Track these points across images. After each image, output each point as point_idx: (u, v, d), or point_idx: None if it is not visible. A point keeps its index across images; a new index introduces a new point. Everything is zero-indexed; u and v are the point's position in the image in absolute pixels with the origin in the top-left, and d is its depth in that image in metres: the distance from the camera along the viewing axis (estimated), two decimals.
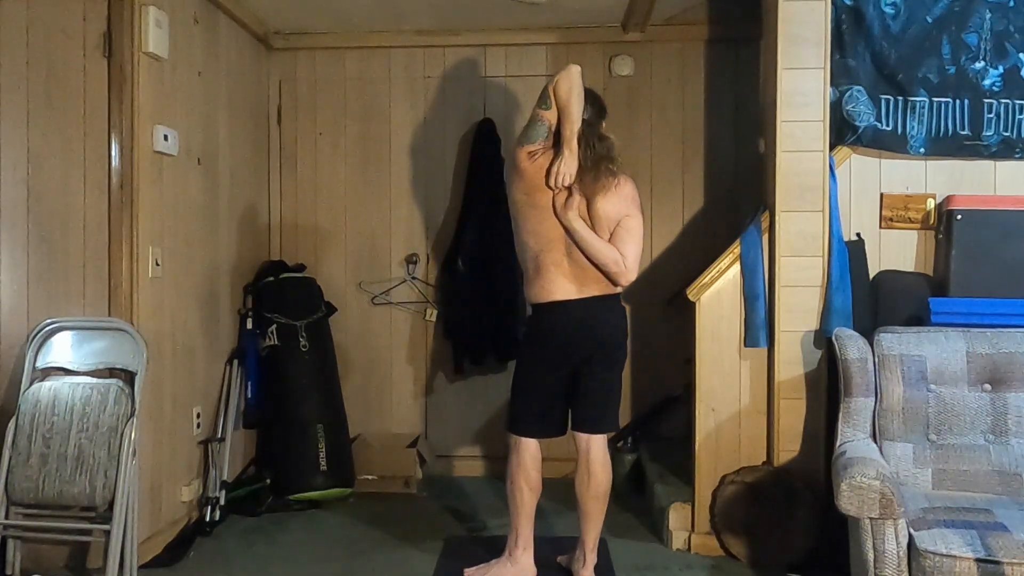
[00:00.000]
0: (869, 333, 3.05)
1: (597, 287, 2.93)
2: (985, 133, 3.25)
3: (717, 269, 3.34)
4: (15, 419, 3.01)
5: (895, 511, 2.40)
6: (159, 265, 3.33)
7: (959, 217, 3.17)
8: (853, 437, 2.91)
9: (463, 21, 4.34)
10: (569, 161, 2.85)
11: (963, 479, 2.82)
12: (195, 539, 3.51)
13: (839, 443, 2.89)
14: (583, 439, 3.00)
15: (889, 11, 3.25)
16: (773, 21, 3.28)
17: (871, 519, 2.43)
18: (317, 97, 4.58)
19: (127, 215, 3.16)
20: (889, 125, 3.27)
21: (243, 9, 4.08)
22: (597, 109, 3.00)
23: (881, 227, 3.34)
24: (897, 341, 2.96)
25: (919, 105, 3.26)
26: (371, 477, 4.21)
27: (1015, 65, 3.23)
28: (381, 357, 4.59)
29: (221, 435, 3.85)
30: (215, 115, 3.87)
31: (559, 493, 3.58)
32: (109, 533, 2.91)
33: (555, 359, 2.96)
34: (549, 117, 2.90)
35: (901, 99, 3.27)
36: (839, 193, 3.29)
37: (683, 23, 4.34)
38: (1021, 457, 2.82)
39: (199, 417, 3.73)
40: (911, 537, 2.41)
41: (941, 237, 3.27)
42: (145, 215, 3.23)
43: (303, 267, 4.44)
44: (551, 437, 3.05)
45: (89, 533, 3.01)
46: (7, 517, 2.99)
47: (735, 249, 3.33)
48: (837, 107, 3.26)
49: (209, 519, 3.68)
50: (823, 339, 3.24)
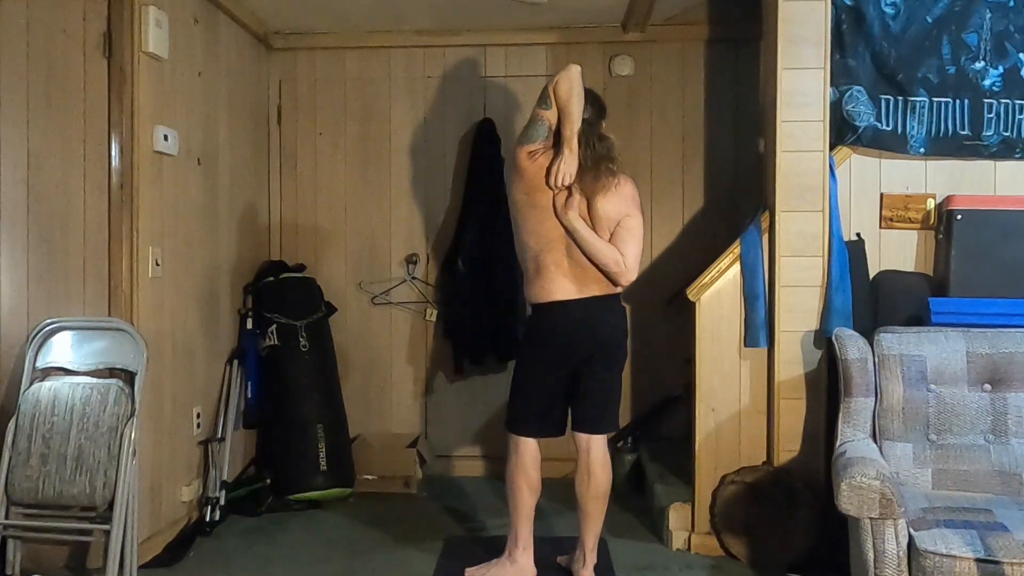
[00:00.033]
0: (869, 333, 3.05)
1: (597, 287, 2.93)
2: (985, 133, 3.25)
3: (717, 269, 3.34)
4: (15, 419, 3.01)
5: (895, 511, 2.40)
6: (159, 265, 3.33)
7: (959, 217, 3.17)
8: (853, 437, 2.91)
9: (463, 21, 4.34)
10: (569, 161, 2.85)
11: (963, 479, 2.82)
12: (195, 539, 3.51)
13: (839, 443, 2.89)
14: (583, 439, 3.00)
15: (889, 11, 3.25)
16: (773, 21, 3.28)
17: (871, 519, 2.43)
18: (317, 97, 4.58)
19: (127, 215, 3.17)
20: (889, 125, 3.27)
21: (243, 9, 4.08)
22: (597, 109, 3.01)
23: (881, 227, 3.34)
24: (897, 341, 2.96)
25: (919, 105, 3.26)
26: (371, 477, 4.21)
27: (1015, 65, 3.24)
28: (381, 357, 4.59)
29: (221, 435, 3.85)
30: (215, 115, 3.87)
31: (559, 493, 3.58)
32: (109, 533, 2.91)
33: (555, 359, 2.96)
34: (549, 117, 2.90)
35: (901, 99, 3.27)
36: (839, 193, 3.29)
37: (683, 23, 4.33)
38: (1021, 457, 2.82)
39: (199, 417, 3.73)
40: (911, 537, 2.41)
41: (941, 237, 3.27)
42: (145, 215, 3.23)
43: (303, 267, 4.44)
44: (550, 437, 3.05)
45: (89, 533, 3.01)
46: (7, 517, 2.99)
47: (735, 249, 3.33)
48: (837, 107, 3.26)
49: (209, 519, 3.68)
50: (823, 339, 3.24)
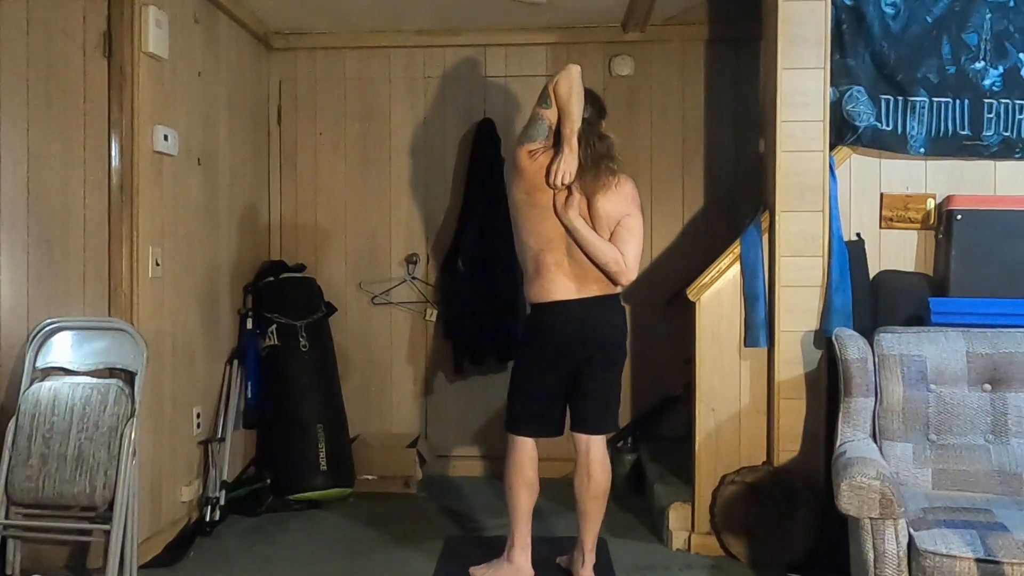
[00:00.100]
0: (869, 333, 3.05)
1: (597, 287, 2.93)
2: (985, 133, 3.25)
3: (717, 269, 3.34)
4: (15, 419, 3.01)
5: (895, 511, 2.40)
6: (159, 265, 3.33)
7: (959, 217, 3.17)
8: (853, 437, 2.91)
9: (463, 21, 4.34)
10: (569, 159, 2.85)
11: (963, 479, 2.82)
12: (195, 539, 3.51)
13: (839, 443, 2.89)
14: (583, 440, 2.99)
15: (889, 11, 3.25)
16: (773, 21, 3.28)
17: (871, 519, 2.43)
18: (317, 97, 4.58)
19: (127, 215, 3.16)
20: (889, 125, 3.27)
21: (243, 9, 4.08)
22: (597, 109, 3.00)
23: (881, 227, 3.34)
24: (897, 341, 2.96)
25: (919, 105, 3.26)
26: (371, 477, 4.21)
27: (1015, 65, 3.23)
28: (381, 357, 4.59)
29: (221, 435, 3.85)
30: (215, 115, 3.87)
31: (559, 493, 3.58)
32: (109, 533, 2.91)
33: (555, 359, 2.96)
34: (549, 116, 2.90)
35: (901, 99, 3.27)
36: (839, 193, 3.29)
37: (683, 23, 4.33)
38: (1021, 457, 2.82)
39: (199, 417, 3.73)
40: (911, 537, 2.41)
41: (941, 237, 3.27)
42: (145, 215, 3.23)
43: (303, 267, 4.44)
44: (549, 437, 3.05)
45: (89, 533, 3.01)
46: (7, 517, 2.99)
47: (735, 249, 3.33)
48: (837, 107, 3.26)
49: (209, 519, 3.68)
50: (823, 339, 3.24)
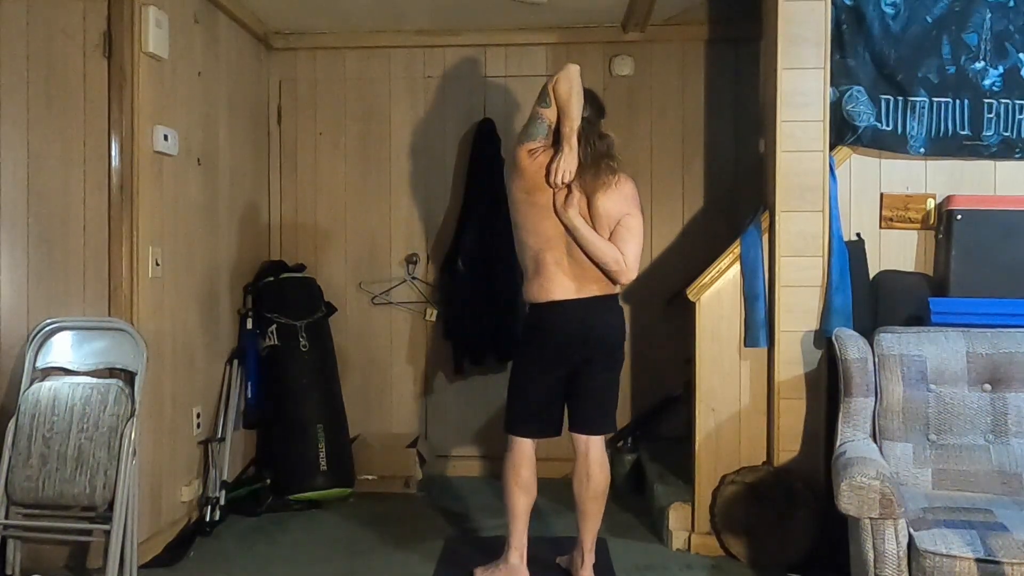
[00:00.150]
0: (869, 333, 3.05)
1: (597, 287, 2.93)
2: (985, 133, 3.25)
3: (717, 269, 3.34)
4: (15, 419, 3.01)
5: (895, 511, 2.40)
6: (159, 265, 3.33)
7: (959, 217, 3.17)
8: (853, 437, 2.91)
9: (463, 21, 4.34)
10: (569, 158, 2.85)
11: (963, 479, 2.82)
12: (195, 539, 3.51)
13: (839, 443, 2.89)
14: (582, 440, 2.99)
15: (889, 11, 3.25)
16: (773, 21, 3.28)
17: (871, 519, 2.43)
18: (317, 97, 4.58)
19: (127, 215, 3.16)
20: (889, 125, 3.27)
21: (243, 9, 4.08)
22: (596, 108, 3.00)
23: (881, 227, 3.34)
24: (897, 341, 2.96)
25: (919, 105, 3.26)
26: (371, 477, 4.21)
27: (1015, 65, 3.23)
28: (381, 357, 4.59)
29: (221, 435, 3.85)
30: (215, 115, 3.87)
31: (558, 493, 3.58)
32: (109, 533, 2.91)
33: (554, 359, 2.96)
34: (549, 115, 2.90)
35: (901, 99, 3.27)
36: (839, 193, 3.29)
37: (683, 23, 4.33)
38: (1021, 457, 2.82)
39: (199, 417, 3.73)
40: (911, 537, 2.41)
41: (941, 237, 3.27)
42: (145, 215, 3.23)
43: (303, 267, 4.44)
44: (548, 437, 3.05)
45: (89, 533, 3.01)
46: (7, 517, 2.99)
47: (735, 249, 3.33)
48: (837, 107, 3.26)
49: (209, 519, 3.68)
50: (823, 339, 3.24)
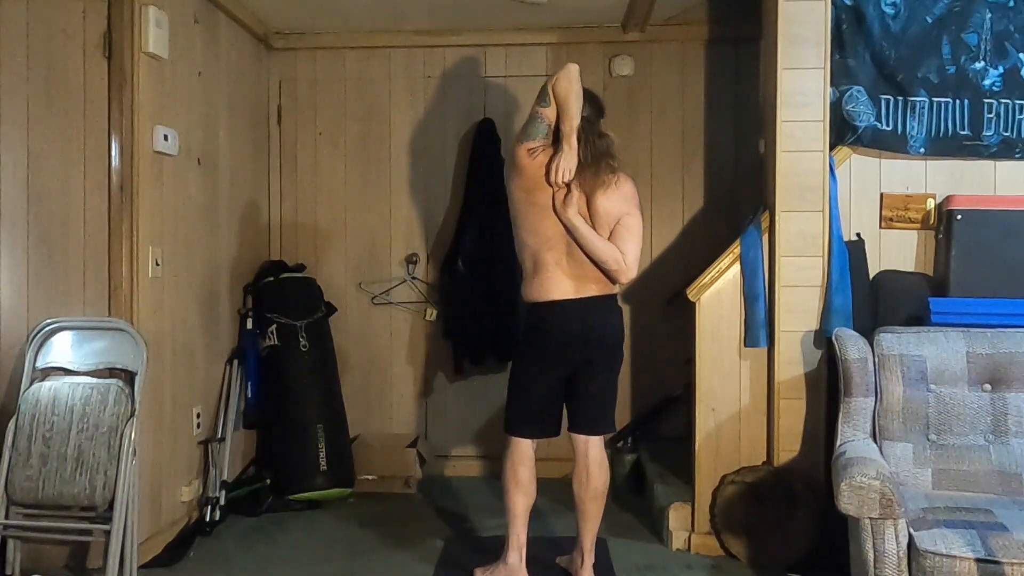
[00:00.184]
0: (869, 333, 3.05)
1: (596, 287, 2.93)
2: (985, 133, 3.25)
3: (717, 269, 3.34)
4: (15, 419, 3.01)
5: (895, 511, 2.40)
6: (159, 265, 3.33)
7: (959, 217, 3.17)
8: (853, 437, 2.91)
9: (463, 21, 4.34)
10: (568, 157, 2.85)
11: (963, 479, 2.82)
12: (195, 539, 3.51)
13: (839, 443, 2.89)
14: (581, 440, 2.99)
15: (889, 11, 3.25)
16: (773, 21, 3.28)
17: (871, 519, 2.43)
18: (317, 97, 4.58)
19: (127, 215, 3.16)
20: (889, 125, 3.27)
21: (243, 9, 4.08)
22: (595, 108, 3.00)
23: (881, 227, 3.34)
24: (897, 341, 2.96)
25: (919, 105, 3.26)
26: (371, 477, 4.21)
27: (1015, 65, 3.23)
28: (381, 357, 4.59)
29: (221, 435, 3.85)
30: (215, 115, 3.87)
31: (558, 493, 3.58)
32: (109, 533, 2.91)
33: (554, 359, 2.96)
34: (548, 114, 2.89)
35: (901, 99, 3.27)
36: (839, 193, 3.29)
37: (683, 23, 4.33)
38: (1021, 457, 2.82)
39: (199, 417, 3.73)
40: (911, 537, 2.41)
41: (941, 237, 3.27)
42: (145, 215, 3.23)
43: (303, 267, 4.44)
44: (547, 437, 3.05)
45: (89, 533, 3.01)
46: (7, 517, 2.99)
47: (735, 249, 3.33)
48: (837, 107, 3.26)
49: (209, 519, 3.68)
50: (823, 339, 3.24)
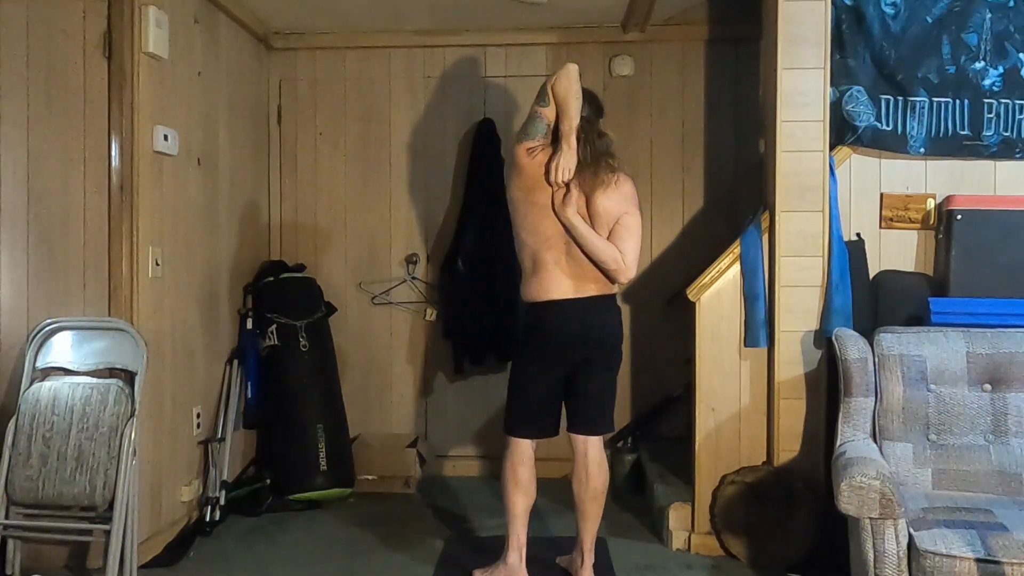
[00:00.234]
0: (869, 333, 3.05)
1: (595, 287, 2.93)
2: (985, 133, 3.25)
3: (717, 269, 3.34)
4: (15, 419, 3.01)
5: (895, 511, 2.40)
6: (159, 265, 3.33)
7: (959, 217, 3.17)
8: (853, 437, 2.91)
9: (463, 21, 4.34)
10: (568, 156, 2.85)
11: (963, 479, 2.82)
12: (195, 539, 3.51)
13: (839, 443, 2.89)
14: (580, 440, 2.99)
15: (889, 11, 3.25)
16: (773, 21, 3.28)
17: (871, 519, 2.43)
18: (317, 97, 4.58)
19: (127, 215, 3.16)
20: (889, 125, 3.27)
21: (243, 9, 4.08)
22: (595, 107, 3.00)
23: (881, 227, 3.34)
24: (897, 341, 2.96)
25: (919, 105, 3.26)
26: (371, 477, 4.21)
27: (1015, 65, 3.23)
28: (381, 357, 4.59)
29: (221, 435, 3.85)
30: (215, 115, 3.87)
31: (558, 493, 3.58)
32: (109, 533, 2.91)
33: (553, 359, 2.96)
34: (547, 114, 2.89)
35: (901, 99, 3.27)
36: (839, 193, 3.29)
37: (683, 23, 4.33)
38: (1021, 457, 2.82)
39: (199, 417, 3.73)
40: (911, 537, 2.41)
41: (941, 237, 3.27)
42: (145, 215, 3.23)
43: (303, 267, 4.44)
44: (546, 437, 3.05)
45: (89, 533, 3.01)
46: (7, 517, 2.99)
47: (735, 249, 3.33)
48: (837, 107, 3.26)
49: (209, 519, 3.68)
50: (823, 339, 3.24)
